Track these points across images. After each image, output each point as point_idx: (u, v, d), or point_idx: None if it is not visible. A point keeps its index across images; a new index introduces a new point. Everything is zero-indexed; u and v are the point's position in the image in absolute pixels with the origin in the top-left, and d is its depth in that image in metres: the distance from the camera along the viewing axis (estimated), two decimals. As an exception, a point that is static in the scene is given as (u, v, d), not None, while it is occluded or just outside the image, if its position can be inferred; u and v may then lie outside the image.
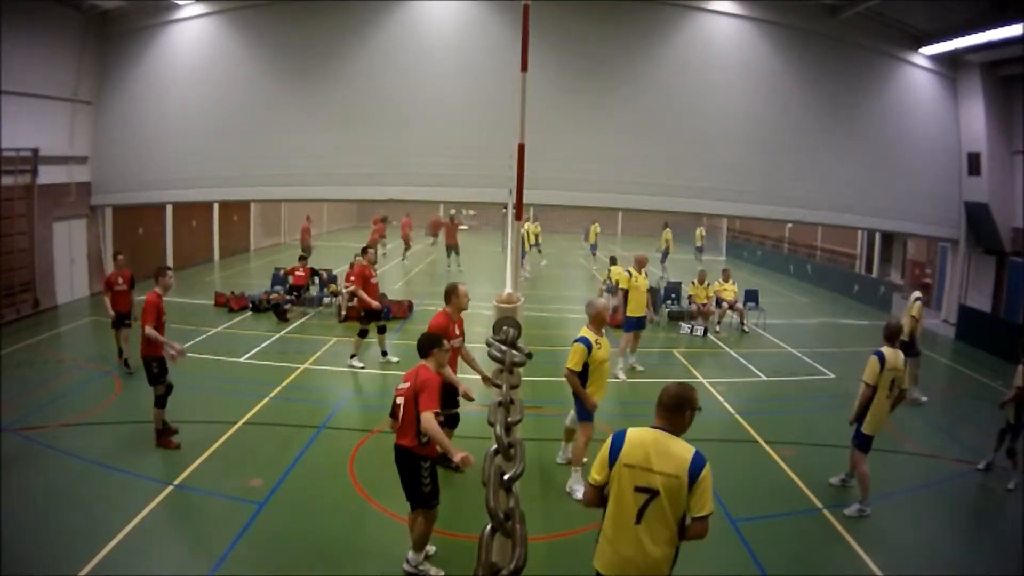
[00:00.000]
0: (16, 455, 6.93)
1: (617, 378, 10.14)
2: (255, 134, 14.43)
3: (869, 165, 14.87)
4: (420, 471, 4.91)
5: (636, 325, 10.80)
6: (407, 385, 4.88)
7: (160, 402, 7.33)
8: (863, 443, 6.39)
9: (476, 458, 6.42)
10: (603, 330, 6.75)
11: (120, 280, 9.89)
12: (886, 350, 6.32)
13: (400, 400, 4.90)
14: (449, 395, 6.56)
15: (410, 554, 5.14)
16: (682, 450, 3.34)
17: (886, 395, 6.30)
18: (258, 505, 6.14)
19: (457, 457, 4.54)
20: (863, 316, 16.97)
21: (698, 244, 25.87)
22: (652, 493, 3.31)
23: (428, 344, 5.10)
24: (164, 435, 7.37)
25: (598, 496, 3.51)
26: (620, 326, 10.93)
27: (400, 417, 4.90)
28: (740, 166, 14.39)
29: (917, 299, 9.83)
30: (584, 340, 6.46)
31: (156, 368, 7.28)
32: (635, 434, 3.43)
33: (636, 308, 10.66)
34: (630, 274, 10.67)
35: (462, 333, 6.81)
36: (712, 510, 3.33)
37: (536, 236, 22.38)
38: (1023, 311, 14.44)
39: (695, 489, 3.29)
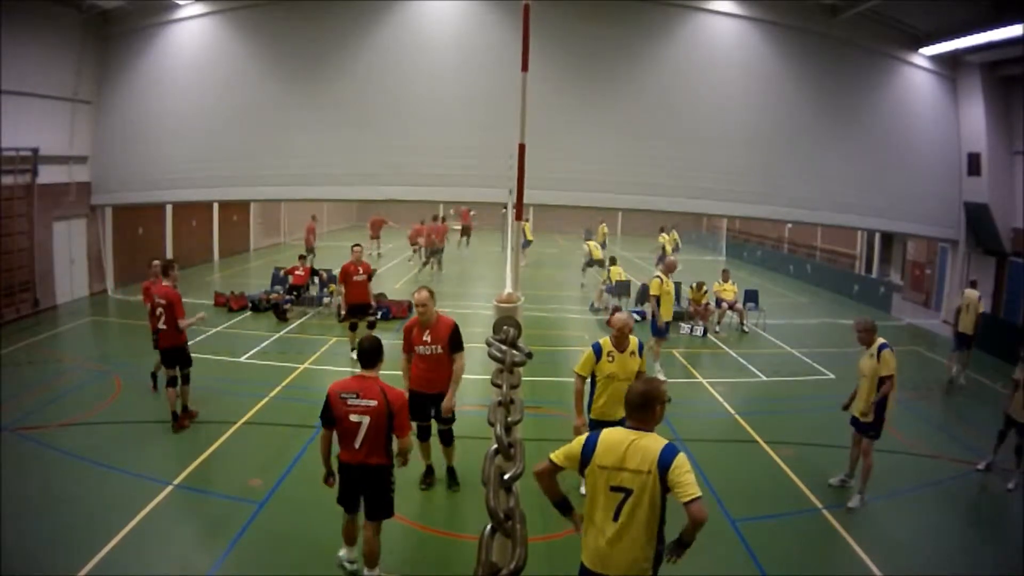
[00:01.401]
0: (16, 455, 6.93)
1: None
2: (255, 134, 14.43)
3: (869, 165, 14.88)
4: (390, 482, 4.77)
5: (666, 331, 10.61)
6: (373, 403, 4.49)
7: (188, 379, 7.94)
8: (880, 431, 6.55)
9: (477, 458, 6.43)
10: (628, 346, 6.00)
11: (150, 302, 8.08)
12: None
13: (364, 419, 4.50)
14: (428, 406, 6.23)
15: (367, 572, 4.83)
16: (653, 444, 3.34)
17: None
18: (258, 505, 6.14)
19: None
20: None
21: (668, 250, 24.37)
22: (626, 492, 3.31)
23: (374, 353, 4.65)
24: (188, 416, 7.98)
25: (549, 474, 3.52)
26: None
27: (363, 437, 4.54)
28: (740, 166, 14.40)
29: (980, 297, 11.16)
30: (595, 345, 6.04)
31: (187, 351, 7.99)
32: (608, 435, 3.43)
33: (666, 313, 10.47)
34: (661, 280, 10.33)
35: (440, 340, 6.10)
36: (699, 493, 3.23)
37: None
38: (1023, 312, 14.44)
39: (670, 478, 3.25)
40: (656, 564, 3.42)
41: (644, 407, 3.40)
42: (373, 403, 4.51)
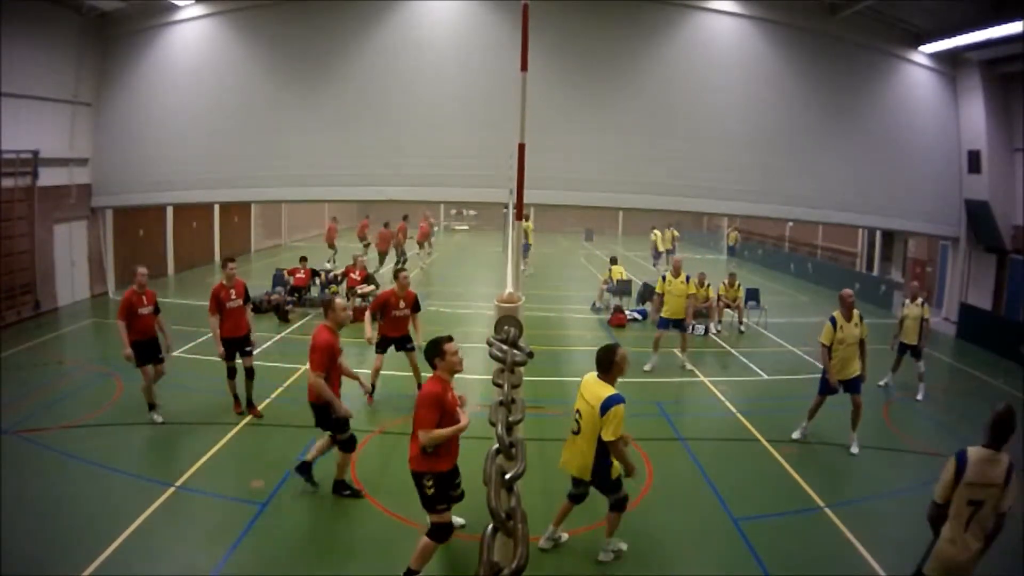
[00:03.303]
0: (17, 457, 6.93)
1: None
2: (255, 135, 14.44)
3: (869, 163, 14.87)
4: (424, 485, 5.01)
5: (663, 325, 11.11)
6: None
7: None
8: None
9: (479, 457, 6.44)
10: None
11: (144, 301, 7.96)
12: None
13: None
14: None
15: None
16: (604, 391, 4.94)
17: None
18: (260, 506, 6.14)
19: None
20: (864, 314, 16.88)
21: (667, 247, 23.61)
22: (580, 414, 5.08)
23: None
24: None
25: None
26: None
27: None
28: (740, 165, 14.39)
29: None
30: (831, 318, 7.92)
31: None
32: (588, 376, 5.16)
33: (670, 311, 11.02)
34: (664, 278, 11.29)
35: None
36: (612, 438, 4.85)
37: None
38: (1024, 309, 14.45)
39: (604, 420, 4.84)
40: (596, 472, 5.08)
41: (603, 363, 5.06)
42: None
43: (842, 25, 14.30)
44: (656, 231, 23.31)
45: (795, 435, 8.17)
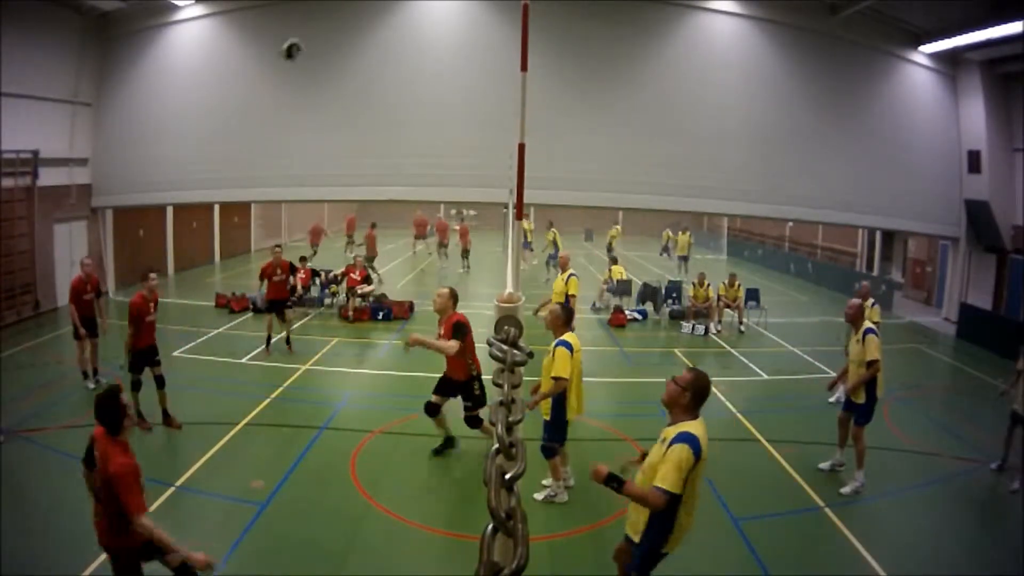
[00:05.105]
0: (17, 457, 6.93)
1: None
2: (255, 135, 14.44)
3: (869, 163, 14.87)
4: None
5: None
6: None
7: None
8: (870, 417, 6.78)
9: (478, 457, 6.45)
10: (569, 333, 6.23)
11: (88, 288, 9.22)
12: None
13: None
14: None
15: None
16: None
17: None
18: (260, 506, 6.14)
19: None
20: (864, 314, 16.90)
21: (681, 252, 23.27)
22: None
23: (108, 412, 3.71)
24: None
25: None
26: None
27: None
28: (740, 165, 14.40)
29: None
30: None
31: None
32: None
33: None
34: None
35: (446, 333, 6.93)
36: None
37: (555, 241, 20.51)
38: (1024, 309, 14.44)
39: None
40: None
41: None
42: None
43: (842, 25, 14.29)
44: (617, 226, 23.49)
45: (845, 490, 6.82)
